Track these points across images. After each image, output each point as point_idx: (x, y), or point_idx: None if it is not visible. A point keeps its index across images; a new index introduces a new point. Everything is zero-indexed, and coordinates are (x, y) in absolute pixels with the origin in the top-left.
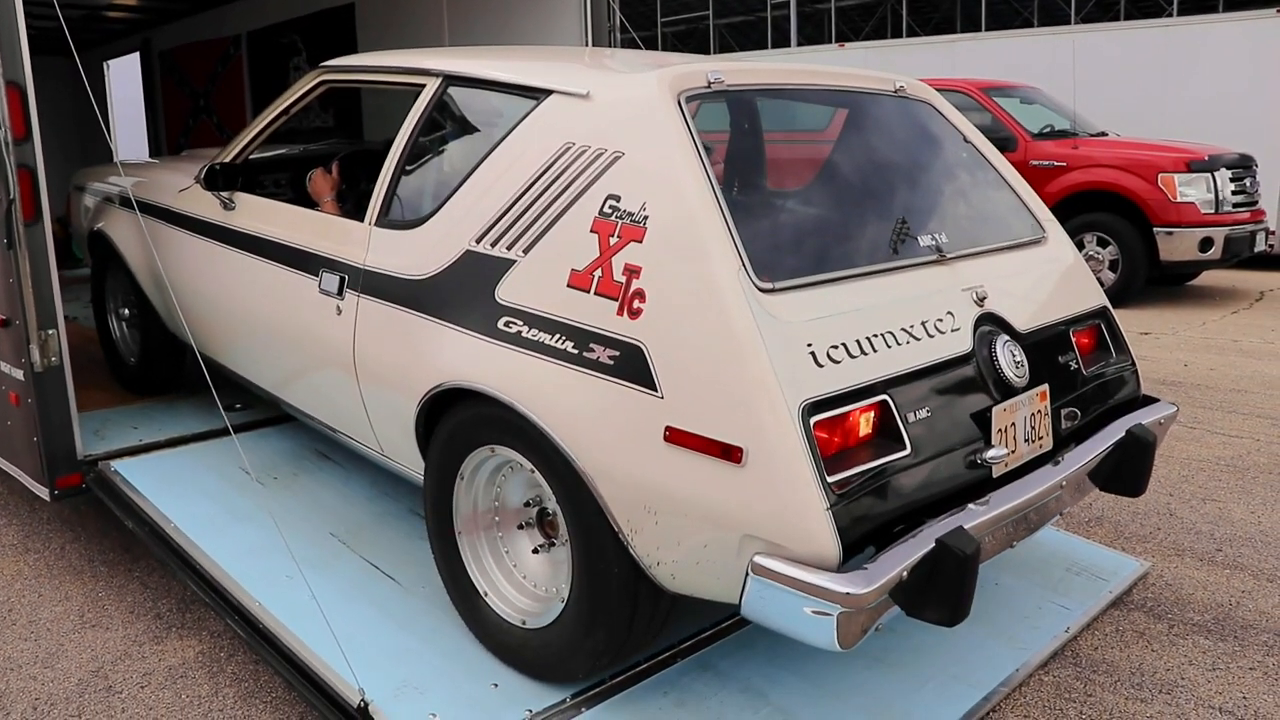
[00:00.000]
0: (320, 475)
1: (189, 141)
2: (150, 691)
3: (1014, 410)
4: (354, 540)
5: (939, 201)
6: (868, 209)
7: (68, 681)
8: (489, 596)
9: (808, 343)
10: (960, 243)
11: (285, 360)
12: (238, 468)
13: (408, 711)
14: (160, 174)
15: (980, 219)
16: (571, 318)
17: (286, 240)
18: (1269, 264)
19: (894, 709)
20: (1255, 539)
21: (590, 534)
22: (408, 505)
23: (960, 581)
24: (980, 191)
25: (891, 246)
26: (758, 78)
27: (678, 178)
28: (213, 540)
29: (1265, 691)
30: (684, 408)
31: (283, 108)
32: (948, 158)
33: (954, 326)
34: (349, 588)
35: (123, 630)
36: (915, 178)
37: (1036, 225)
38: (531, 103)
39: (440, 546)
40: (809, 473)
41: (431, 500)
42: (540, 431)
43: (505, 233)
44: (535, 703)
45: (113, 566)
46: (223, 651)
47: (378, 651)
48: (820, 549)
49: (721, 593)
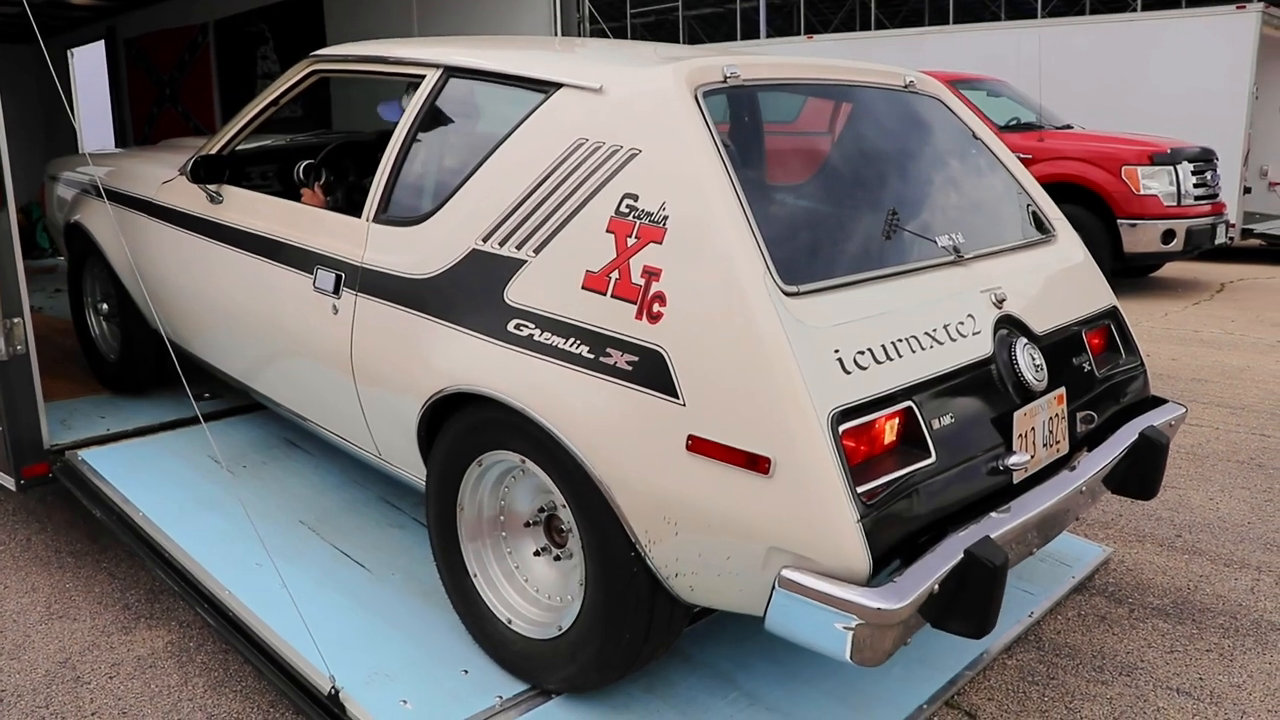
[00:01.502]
0: (290, 463)
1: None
2: (119, 682)
3: (1034, 414)
4: (324, 528)
5: (953, 200)
6: (884, 208)
7: (35, 673)
8: (494, 605)
9: (834, 348)
10: (976, 243)
11: (276, 360)
12: (207, 456)
13: (378, 698)
14: (141, 165)
15: (993, 218)
16: (587, 321)
17: (277, 235)
18: (1230, 256)
19: (861, 693)
20: (1213, 525)
21: (605, 544)
22: (377, 493)
23: (989, 593)
24: (991, 189)
25: (910, 247)
26: (772, 71)
27: (698, 176)
28: (181, 529)
29: (1220, 672)
30: (707, 416)
31: (271, 98)
32: (959, 155)
33: (975, 329)
34: (319, 575)
35: (90, 621)
36: (929, 176)
37: (1046, 223)
38: (539, 96)
39: (443, 553)
40: (839, 484)
41: (434, 507)
42: (553, 439)
43: (514, 232)
44: (506, 689)
45: (80, 557)
46: (192, 641)
47: (348, 638)
48: (851, 562)
49: (743, 605)
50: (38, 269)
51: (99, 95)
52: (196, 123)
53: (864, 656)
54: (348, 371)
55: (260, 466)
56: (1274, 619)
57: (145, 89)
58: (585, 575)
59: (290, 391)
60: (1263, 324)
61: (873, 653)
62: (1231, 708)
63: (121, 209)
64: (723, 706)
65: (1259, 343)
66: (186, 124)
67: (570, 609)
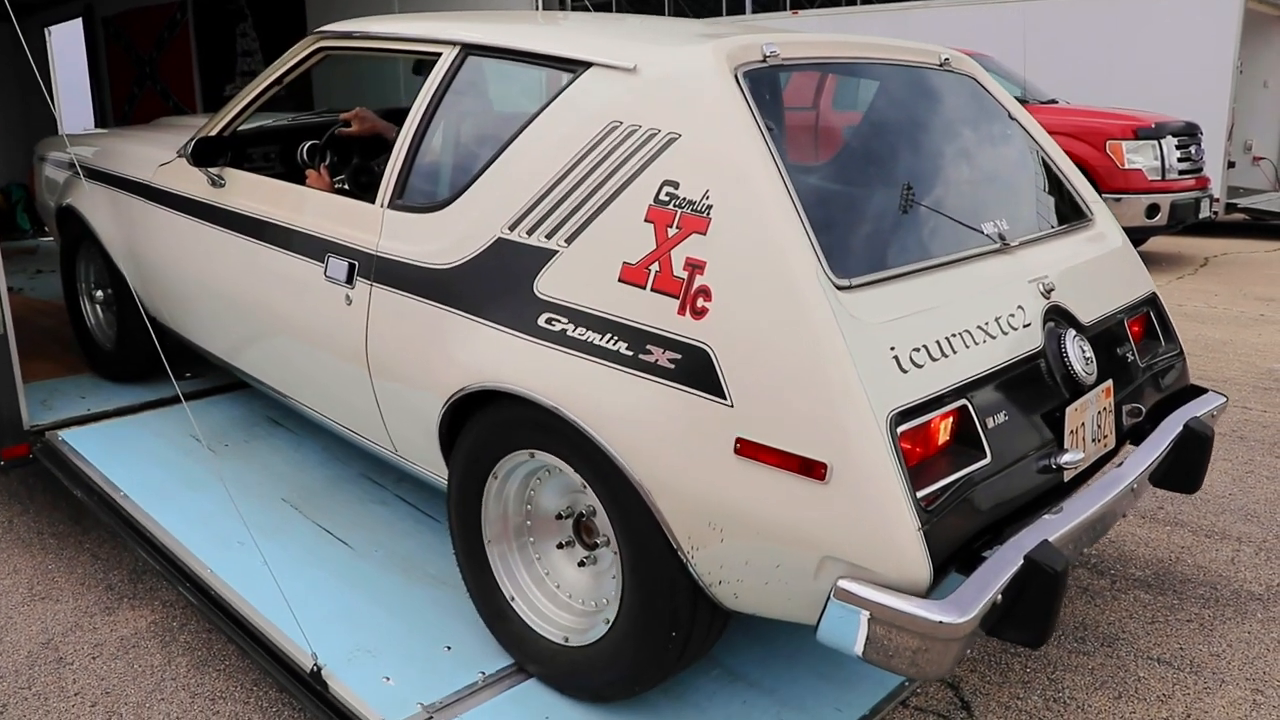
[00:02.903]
0: (272, 441)
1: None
2: (102, 662)
3: (1084, 409)
4: (306, 506)
5: (995, 184)
6: (929, 194)
7: (17, 654)
8: (522, 609)
9: (890, 346)
10: (1020, 229)
11: (284, 353)
12: (188, 435)
13: (361, 675)
14: (135, 146)
15: (1033, 202)
16: (625, 316)
17: (285, 221)
18: (1213, 230)
19: (844, 669)
20: (1195, 497)
21: (643, 549)
22: (359, 470)
23: (1051, 600)
24: (1030, 172)
25: (956, 235)
26: (810, 50)
27: (744, 163)
28: (163, 508)
29: (1201, 642)
30: (757, 418)
31: (274, 77)
32: (997, 136)
33: (1025, 321)
34: (301, 553)
35: (73, 602)
36: (970, 159)
37: (1084, 206)
38: (567, 76)
39: (466, 555)
40: (899, 490)
41: (457, 508)
42: (589, 440)
43: (544, 220)
44: (488, 665)
45: (62, 538)
46: (175, 621)
47: (330, 616)
48: (912, 573)
49: (791, 614)
50: (17, 250)
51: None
52: (177, 101)
53: (927, 671)
54: (362, 365)
55: (242, 445)
56: (1253, 589)
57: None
58: (621, 581)
59: (300, 385)
60: (1246, 298)
61: (936, 667)
62: (1210, 676)
63: (117, 192)
64: (705, 684)
65: (1241, 316)
66: (166, 103)
67: (604, 615)
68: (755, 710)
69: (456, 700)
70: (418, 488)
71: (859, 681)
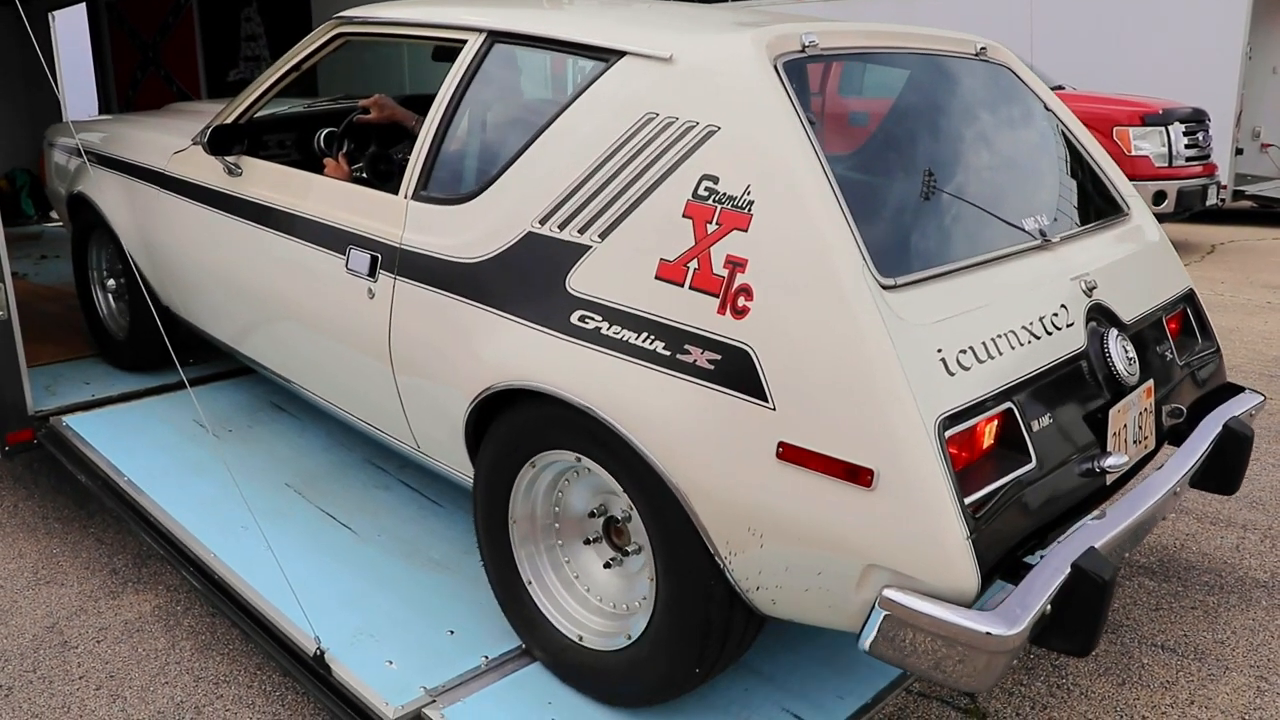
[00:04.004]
0: (275, 427)
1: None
2: (106, 646)
3: (1126, 410)
4: (309, 490)
5: (1033, 178)
6: (969, 188)
7: (22, 638)
8: (552, 614)
9: (937, 348)
10: (1059, 224)
11: (302, 344)
12: (192, 421)
13: (364, 658)
14: (148, 133)
15: (1071, 196)
16: (662, 314)
17: (305, 212)
18: (1220, 218)
19: (845, 655)
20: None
21: (678, 554)
22: (362, 455)
23: (1099, 609)
24: (1066, 165)
25: (997, 231)
26: (848, 40)
27: (787, 157)
28: (167, 493)
29: (1205, 629)
30: (801, 422)
31: (293, 63)
32: (1033, 128)
33: (1068, 321)
34: (304, 538)
35: (78, 586)
36: (1009, 152)
37: (1120, 200)
38: (600, 65)
39: (493, 557)
40: (948, 498)
41: (483, 509)
42: (624, 442)
43: (576, 214)
44: (491, 649)
45: (67, 523)
46: (179, 605)
47: (333, 600)
48: (960, 582)
49: (832, 622)
50: (21, 235)
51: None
52: (180, 87)
53: (974, 683)
54: (385, 360)
55: (246, 430)
56: (1258, 576)
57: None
58: (655, 585)
59: (318, 378)
60: (1253, 286)
61: (983, 679)
62: (1215, 664)
63: (130, 180)
64: None
65: (1248, 304)
66: (170, 88)
67: (636, 618)
68: (756, 697)
69: (459, 684)
70: (421, 473)
71: (861, 668)
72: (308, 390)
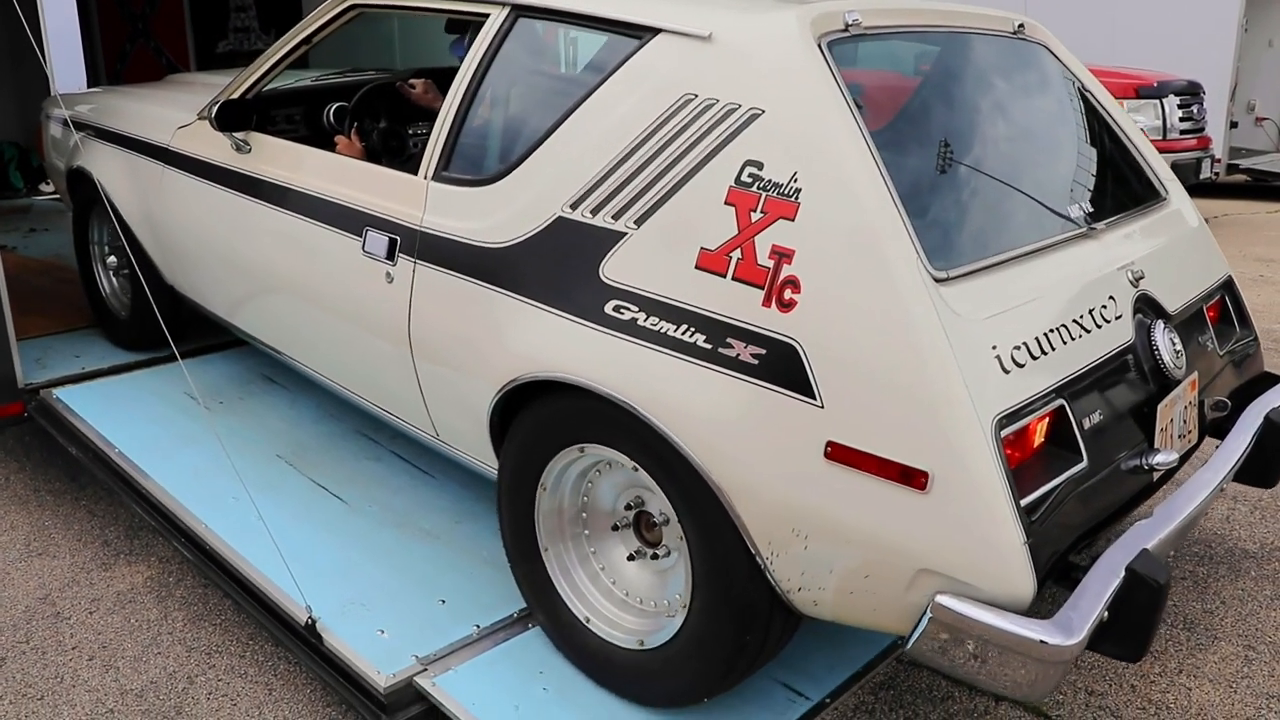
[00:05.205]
0: (266, 398)
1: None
2: (99, 617)
3: (1173, 405)
4: (300, 461)
5: (1075, 162)
6: (1014, 174)
7: (15, 609)
8: (581, 612)
9: (992, 344)
10: (1101, 211)
11: (315, 328)
12: (183, 393)
13: (355, 628)
14: (151, 106)
15: (1112, 180)
16: (703, 306)
17: (318, 191)
18: (1215, 192)
19: (843, 633)
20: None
21: (717, 553)
22: (353, 426)
23: (1154, 614)
24: (1106, 148)
25: (1043, 219)
26: (889, 18)
27: (836, 142)
28: (158, 465)
29: (1194, 599)
30: (851, 421)
31: (303, 36)
32: (1073, 110)
33: (1116, 313)
34: (296, 508)
35: (70, 558)
36: (1050, 135)
37: (1159, 184)
38: (633, 42)
39: (518, 553)
40: (1005, 502)
41: (508, 503)
42: (662, 437)
43: (610, 199)
44: (482, 618)
45: (59, 495)
46: (171, 576)
47: (324, 570)
48: (1016, 589)
49: (877, 624)
50: (10, 209)
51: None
52: (170, 59)
53: (1030, 693)
54: (404, 347)
55: (237, 402)
56: (1248, 547)
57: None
58: (691, 584)
59: (331, 361)
60: (1246, 259)
61: (1037, 690)
62: (1203, 633)
63: (132, 155)
64: None
65: (1241, 278)
66: (159, 60)
67: (670, 617)
68: None
69: (450, 653)
70: (412, 444)
71: (850, 640)
72: (321, 374)
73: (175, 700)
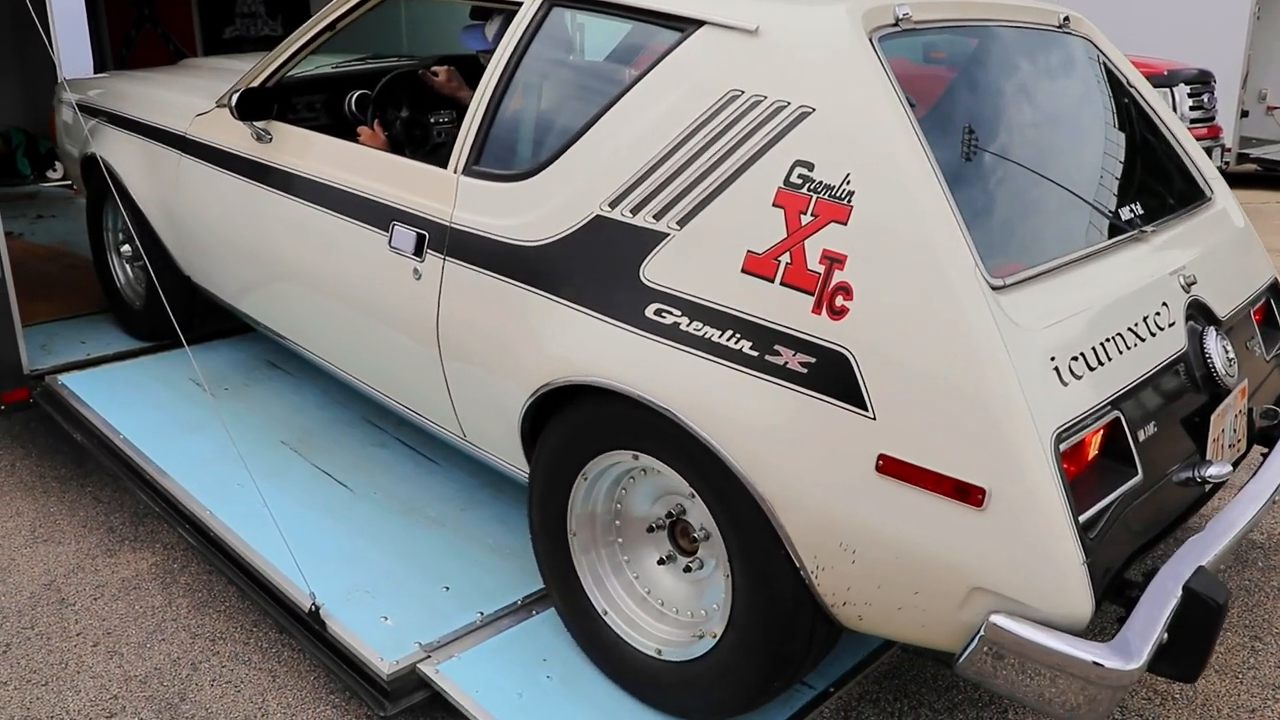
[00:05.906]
0: (271, 385)
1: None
2: (103, 603)
3: (1225, 414)
4: (305, 448)
5: (1124, 163)
6: (1065, 175)
7: (20, 595)
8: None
9: (1050, 355)
10: (1151, 213)
11: (337, 322)
12: (188, 379)
13: (359, 615)
14: (168, 93)
15: (1159, 181)
16: (750, 311)
17: (341, 183)
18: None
19: None
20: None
21: (759, 565)
22: (358, 412)
23: (1212, 634)
24: (1152, 147)
25: (1094, 223)
26: (938, 11)
27: (890, 143)
28: (163, 451)
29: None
30: (904, 434)
31: (328, 21)
32: (1119, 108)
33: (1169, 320)
34: (300, 495)
35: (75, 544)
36: (1098, 135)
37: (1205, 184)
38: (675, 35)
39: (551, 562)
40: (1064, 520)
41: (540, 509)
42: (705, 447)
43: (651, 198)
44: (487, 604)
45: (64, 481)
46: (176, 563)
47: (329, 556)
48: (1074, 609)
49: (922, 640)
50: (17, 195)
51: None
52: (177, 45)
53: (1083, 716)
54: (432, 346)
55: (242, 388)
56: (1254, 537)
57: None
58: (731, 596)
59: (357, 359)
60: None
61: (1093, 713)
62: None
63: (148, 142)
64: None
65: None
66: (166, 46)
67: (709, 628)
68: None
69: (454, 640)
70: (418, 431)
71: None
72: (344, 371)
73: (179, 687)
